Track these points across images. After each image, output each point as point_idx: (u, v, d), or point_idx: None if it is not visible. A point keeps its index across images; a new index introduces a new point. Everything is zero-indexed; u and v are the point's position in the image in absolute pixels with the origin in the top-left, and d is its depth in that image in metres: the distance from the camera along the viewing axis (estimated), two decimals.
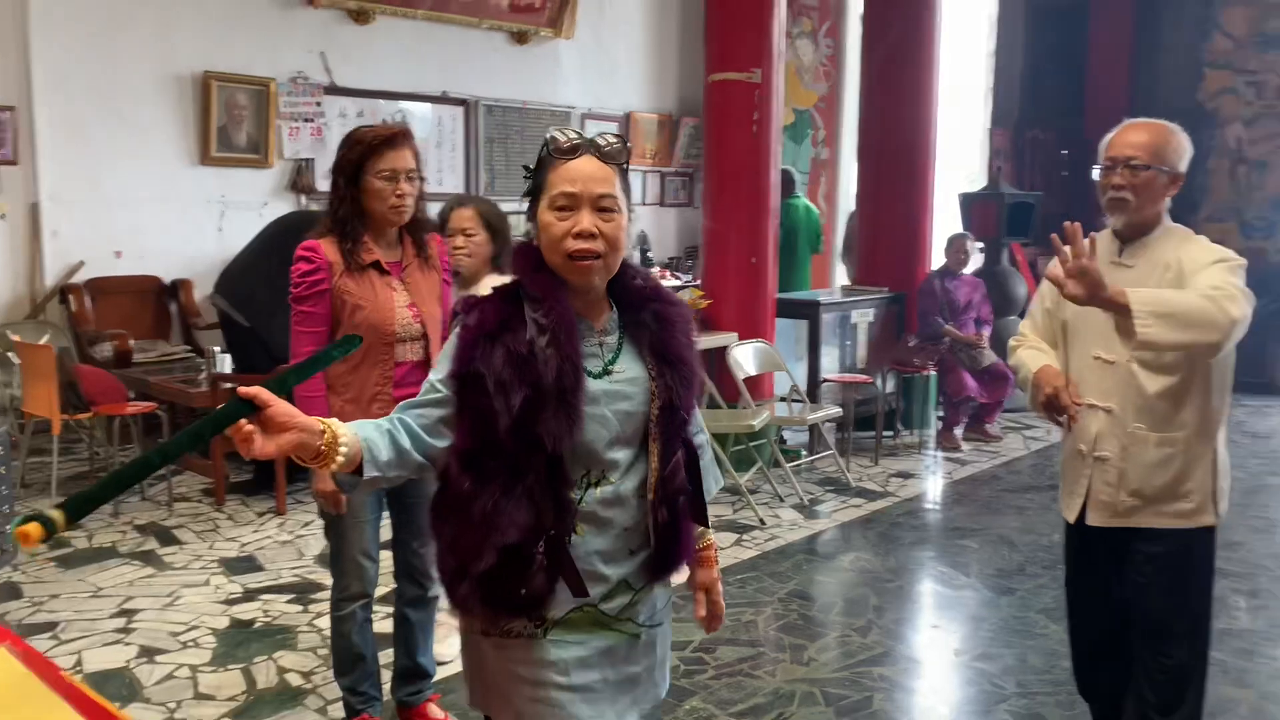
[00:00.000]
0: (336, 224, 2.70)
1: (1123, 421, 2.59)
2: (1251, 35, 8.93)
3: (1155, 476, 2.57)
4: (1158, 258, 2.55)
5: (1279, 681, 3.52)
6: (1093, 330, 2.60)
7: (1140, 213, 2.57)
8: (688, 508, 1.79)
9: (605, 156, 1.70)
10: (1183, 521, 2.59)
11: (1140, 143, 2.56)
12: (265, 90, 6.95)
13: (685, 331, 1.78)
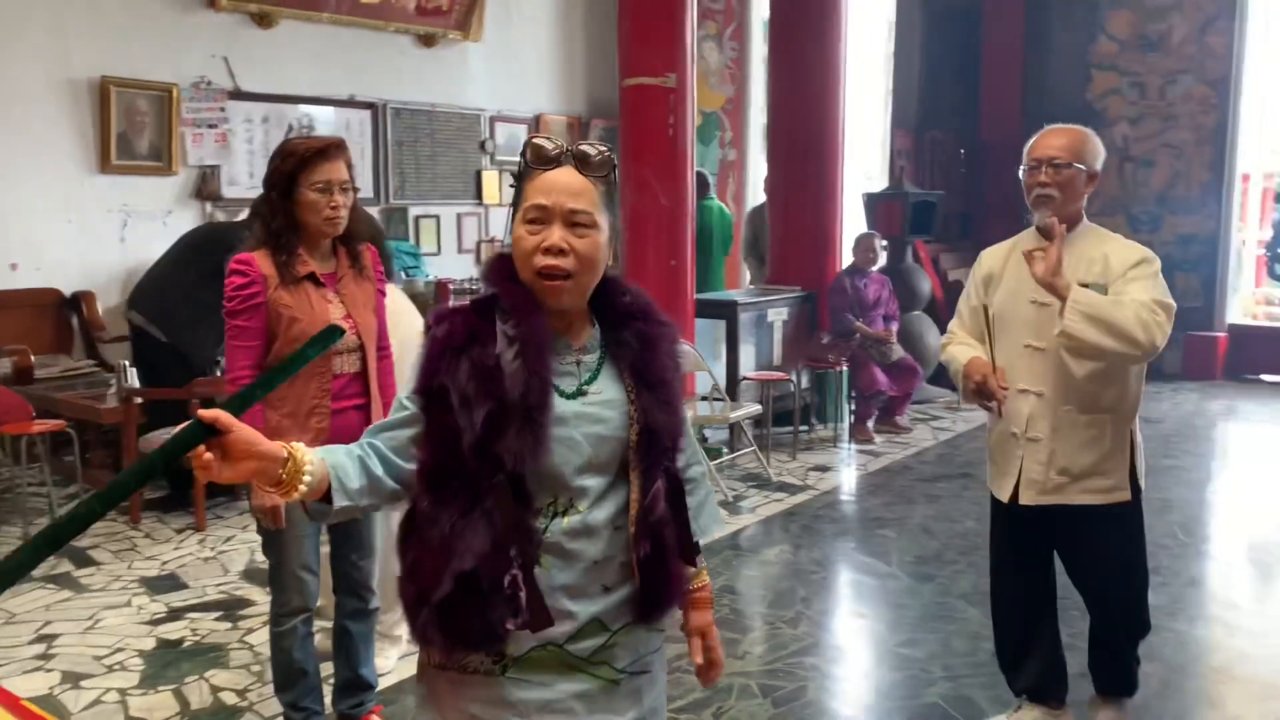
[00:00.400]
0: (270, 236, 2.67)
1: (1053, 404, 2.81)
2: (1134, 38, 9.36)
3: (1082, 455, 2.81)
4: (1082, 253, 2.79)
5: (1184, 653, 3.73)
6: (1021, 320, 2.84)
7: (1064, 208, 2.81)
8: (674, 543, 1.64)
9: (586, 168, 1.59)
10: (1105, 497, 2.84)
11: (1061, 144, 2.83)
12: (167, 96, 6.76)
13: (670, 353, 1.67)
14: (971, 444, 6.97)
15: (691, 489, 1.75)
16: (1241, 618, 4.05)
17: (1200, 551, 4.85)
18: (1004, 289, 2.95)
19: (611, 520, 1.61)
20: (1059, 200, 2.80)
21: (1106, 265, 2.76)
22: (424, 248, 8.42)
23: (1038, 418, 2.84)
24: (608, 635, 1.62)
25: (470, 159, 8.77)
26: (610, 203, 1.62)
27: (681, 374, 1.71)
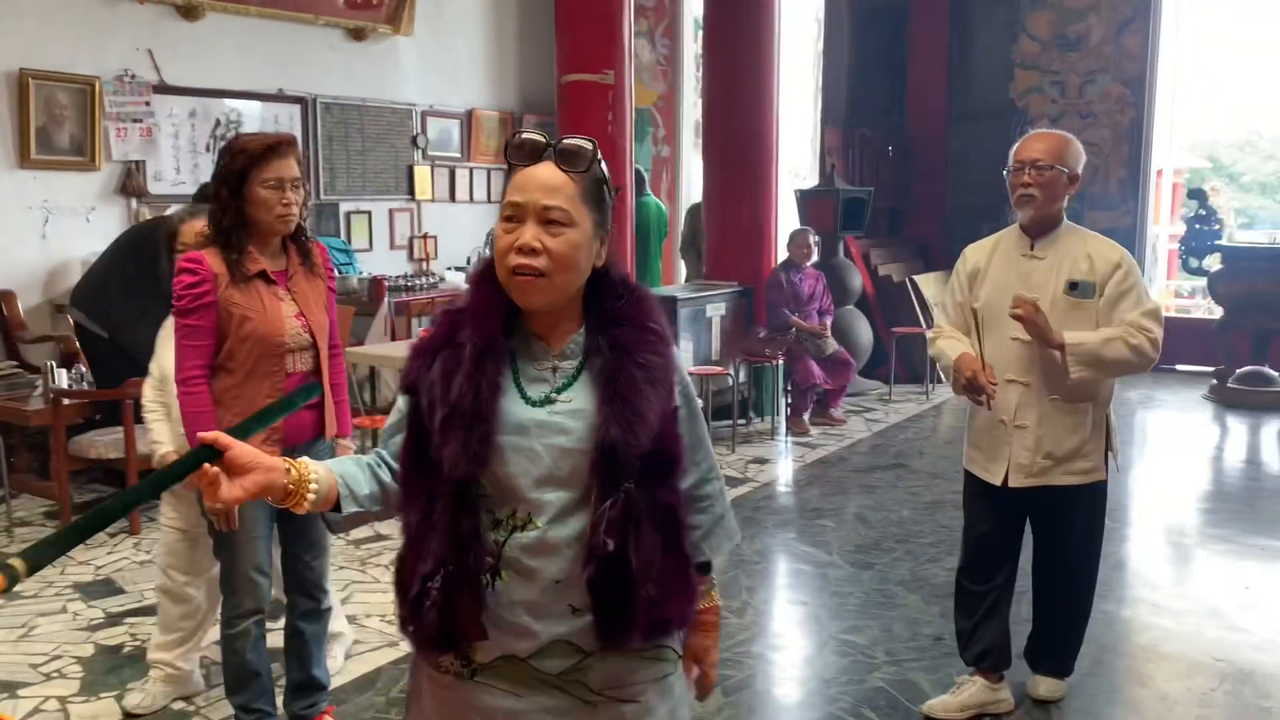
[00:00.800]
0: (221, 234, 2.64)
1: (1040, 394, 3.04)
2: (1054, 38, 9.63)
3: (1066, 440, 3.05)
4: (1066, 251, 3.04)
5: (1112, 633, 3.88)
6: (1008, 315, 3.00)
7: (1046, 208, 3.03)
8: (644, 567, 1.51)
9: (564, 162, 1.52)
10: (1085, 478, 3.09)
11: (1044, 147, 3.03)
12: (89, 89, 6.59)
13: (646, 363, 1.53)
14: (903, 435, 7.13)
15: (705, 507, 1.69)
16: (1164, 598, 4.23)
17: (1124, 535, 5.03)
18: (990, 284, 3.13)
19: (576, 538, 1.51)
20: (1040, 200, 3.01)
21: (1092, 263, 3.01)
22: (356, 244, 8.33)
23: (1025, 406, 3.06)
24: (580, 657, 1.55)
25: (402, 154, 8.69)
26: (595, 198, 1.55)
27: (666, 386, 1.56)
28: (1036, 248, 3.08)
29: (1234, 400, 8.02)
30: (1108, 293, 2.99)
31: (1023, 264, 3.08)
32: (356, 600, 4.16)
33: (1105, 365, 2.94)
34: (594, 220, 1.55)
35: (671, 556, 1.56)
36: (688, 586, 1.61)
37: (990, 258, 3.16)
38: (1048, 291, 3.02)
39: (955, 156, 10.08)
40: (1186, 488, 5.93)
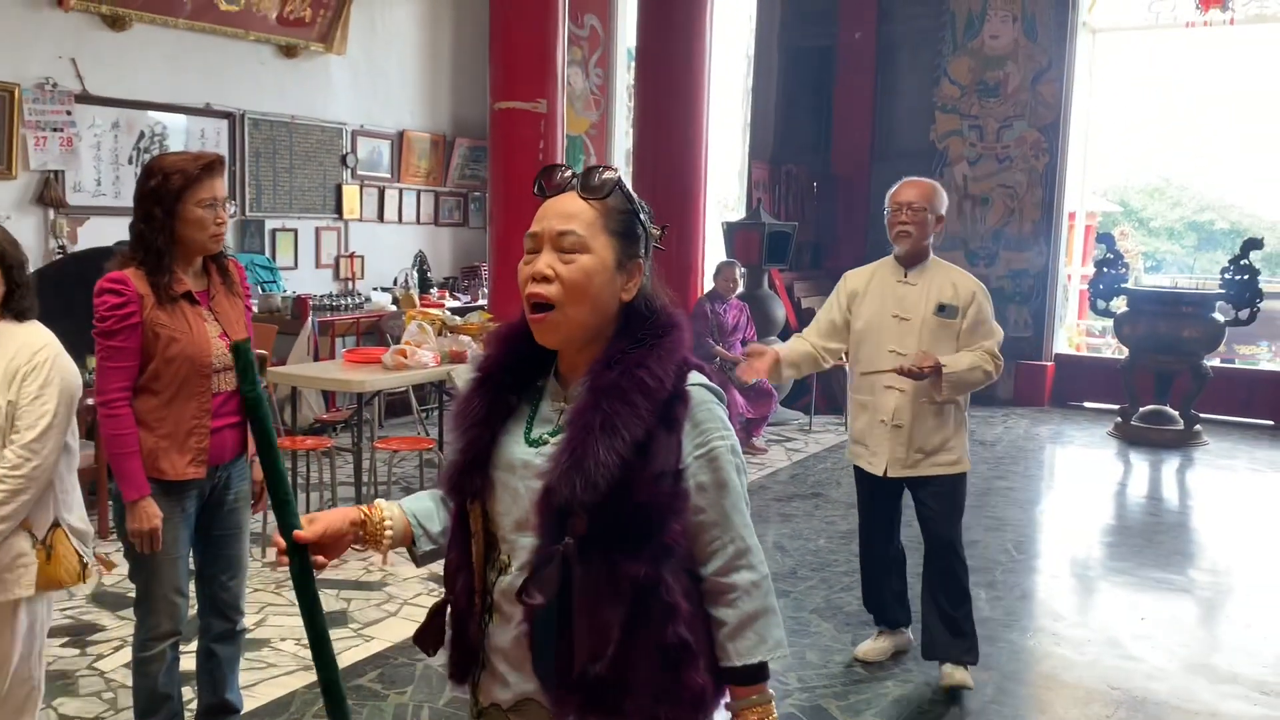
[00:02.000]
0: (151, 254, 2.62)
1: (913, 398, 3.61)
2: (973, 84, 9.97)
3: (933, 437, 3.64)
4: (934, 279, 3.65)
5: (1017, 662, 4.01)
6: (887, 332, 3.64)
7: (919, 243, 3.65)
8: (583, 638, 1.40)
9: (584, 190, 1.47)
10: (949, 469, 3.68)
11: (917, 193, 3.67)
12: (8, 96, 6.44)
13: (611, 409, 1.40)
14: (822, 465, 7.27)
15: (732, 600, 1.47)
16: (1066, 628, 4.38)
17: (1031, 567, 5.21)
18: (869, 306, 3.70)
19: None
20: (914, 236, 3.63)
21: (955, 290, 3.61)
22: (281, 262, 8.24)
23: (901, 409, 3.63)
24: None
25: (330, 173, 8.64)
26: (620, 228, 1.48)
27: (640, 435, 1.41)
28: (909, 275, 3.67)
29: (1136, 438, 8.34)
30: (969, 317, 3.58)
31: (898, 288, 3.66)
32: (271, 623, 4.11)
33: (966, 385, 3.58)
34: (617, 250, 1.48)
35: (647, 642, 1.41)
36: (677, 687, 1.43)
37: (868, 283, 3.74)
38: (919, 312, 3.61)
39: (877, 194, 10.20)
40: (1090, 521, 6.15)
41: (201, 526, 2.83)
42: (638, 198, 1.55)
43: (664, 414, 1.44)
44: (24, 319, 2.48)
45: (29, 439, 2.40)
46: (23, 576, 2.47)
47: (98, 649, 3.80)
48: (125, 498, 2.63)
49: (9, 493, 2.39)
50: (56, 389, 2.44)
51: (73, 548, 2.56)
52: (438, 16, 9.52)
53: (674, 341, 1.49)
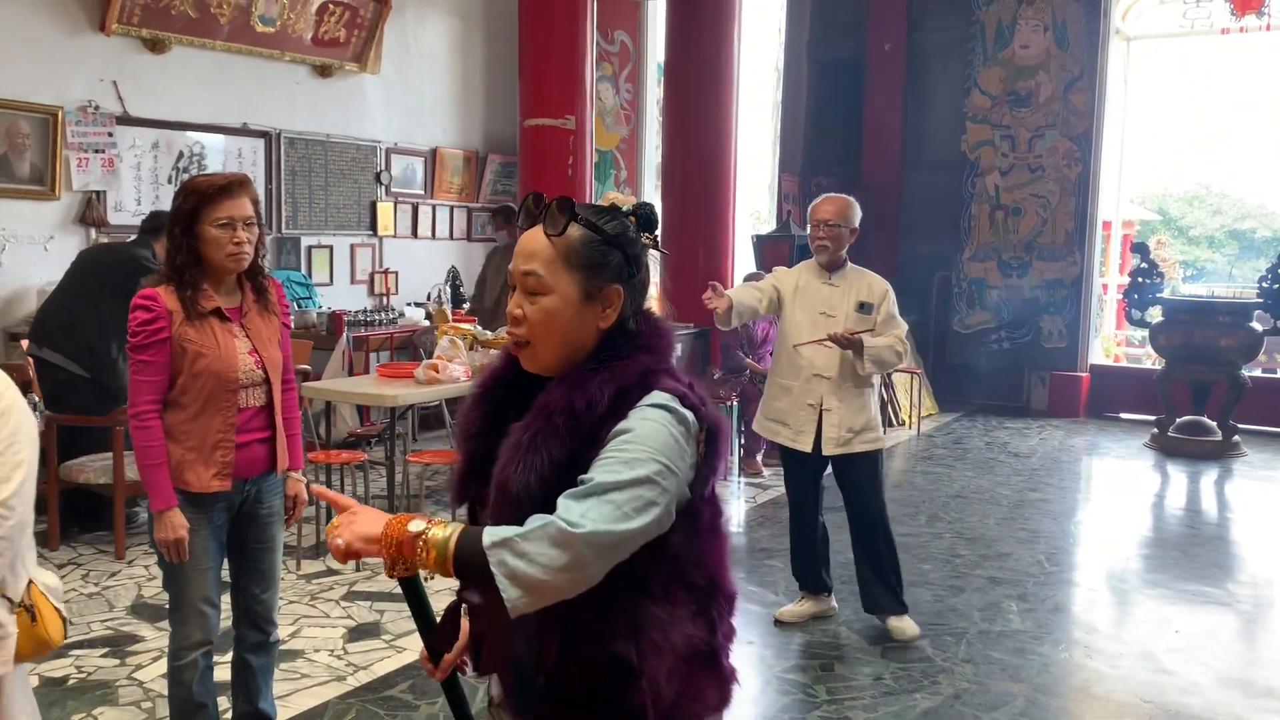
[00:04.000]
0: (175, 272, 2.70)
1: (839, 383, 4.18)
2: (1004, 93, 9.93)
3: (859, 417, 4.20)
4: (852, 282, 4.26)
5: (1048, 675, 3.98)
6: (815, 326, 4.15)
7: (836, 254, 4.23)
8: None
9: (547, 227, 1.49)
10: (873, 445, 4.24)
11: (832, 210, 4.22)
12: (52, 119, 6.61)
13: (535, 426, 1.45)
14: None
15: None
16: (1100, 641, 4.34)
17: (1064, 579, 5.16)
18: (799, 303, 4.23)
19: None
20: (831, 248, 4.20)
21: (871, 289, 4.24)
22: (316, 278, 8.37)
23: (829, 394, 4.17)
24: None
25: (365, 190, 8.76)
26: (581, 260, 1.49)
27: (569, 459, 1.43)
28: (832, 279, 4.25)
29: (1174, 449, 8.24)
30: (882, 312, 4.20)
31: (823, 289, 4.23)
32: (305, 635, 4.17)
33: (883, 363, 4.15)
34: (582, 283, 1.49)
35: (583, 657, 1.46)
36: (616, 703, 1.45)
37: (796, 283, 4.27)
38: (844, 309, 4.18)
39: (908, 205, 10.32)
40: (1125, 534, 6.09)
41: (235, 539, 2.89)
42: (622, 215, 1.53)
43: (590, 434, 1.43)
44: None
45: (4, 495, 2.05)
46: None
47: (136, 659, 3.88)
48: (152, 508, 2.69)
49: None
50: (26, 437, 2.11)
51: (52, 604, 2.24)
52: (469, 35, 9.63)
53: (629, 364, 1.48)
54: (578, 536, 1.31)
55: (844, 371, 4.15)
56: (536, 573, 1.30)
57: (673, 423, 1.43)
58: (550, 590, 1.32)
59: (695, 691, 1.49)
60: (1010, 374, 9.99)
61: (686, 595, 1.50)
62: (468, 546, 1.32)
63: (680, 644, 1.47)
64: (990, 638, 4.31)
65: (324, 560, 5.12)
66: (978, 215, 10.04)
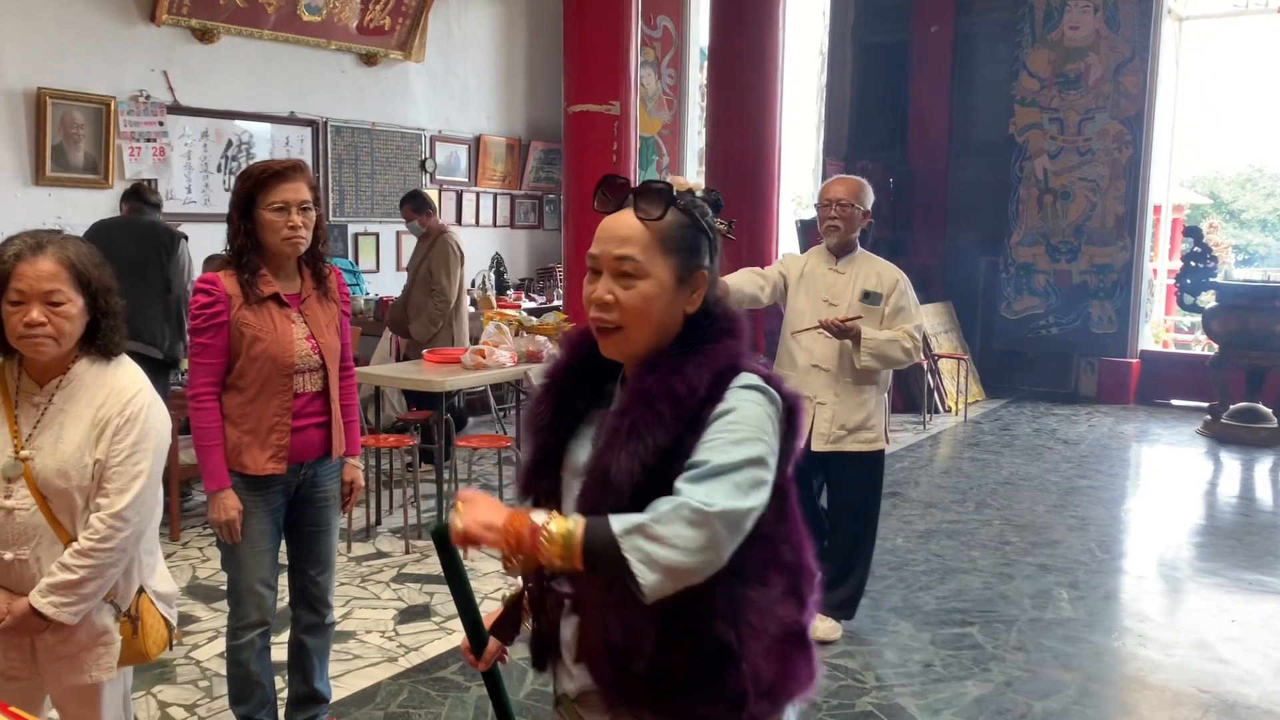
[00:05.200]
0: (233, 257, 2.74)
1: (837, 377, 3.87)
2: (1053, 76, 9.77)
3: (856, 415, 3.88)
4: (860, 269, 3.93)
5: (1100, 663, 3.94)
6: (821, 313, 3.83)
7: (847, 236, 3.93)
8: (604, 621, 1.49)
9: (639, 208, 1.46)
10: (869, 446, 3.92)
11: (845, 189, 3.93)
12: (105, 109, 6.72)
13: (636, 413, 1.43)
14: (899, 464, 7.20)
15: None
16: (1152, 629, 4.29)
17: (1115, 567, 5.10)
18: (804, 290, 3.95)
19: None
20: (843, 230, 3.90)
21: (880, 279, 3.90)
22: (363, 265, 8.44)
23: (825, 387, 3.87)
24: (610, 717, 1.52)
25: (410, 177, 8.82)
26: (678, 245, 1.49)
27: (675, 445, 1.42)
28: (839, 264, 3.95)
29: (1227, 436, 8.10)
30: (891, 303, 3.86)
31: (829, 276, 3.93)
32: (356, 616, 4.23)
33: (885, 358, 3.80)
34: (677, 268, 1.49)
35: (684, 642, 1.45)
36: (717, 687, 1.45)
37: (803, 269, 3.99)
38: (847, 298, 3.87)
39: (955, 189, 10.20)
40: (1178, 521, 6.00)
41: (292, 522, 2.92)
42: (698, 200, 1.53)
43: (693, 419, 1.42)
44: (111, 355, 2.16)
45: (120, 507, 2.06)
46: (102, 657, 2.16)
47: (193, 639, 3.95)
48: (205, 488, 2.74)
49: (94, 568, 2.05)
50: (151, 445, 2.12)
51: (159, 615, 2.26)
52: (512, 22, 9.65)
53: (719, 348, 1.48)
54: (713, 515, 1.31)
55: (844, 365, 3.84)
56: (675, 555, 1.30)
57: (765, 402, 1.45)
58: (687, 573, 1.32)
59: (790, 670, 1.49)
60: (1058, 360, 9.87)
61: (778, 575, 1.50)
62: (597, 535, 1.32)
63: (774, 624, 1.47)
64: (1041, 625, 4.27)
65: (374, 543, 5.18)
66: (1026, 199, 9.90)
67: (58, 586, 2.04)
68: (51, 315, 2.03)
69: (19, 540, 2.07)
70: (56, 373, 2.11)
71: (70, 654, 2.14)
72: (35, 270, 2.02)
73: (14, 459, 2.07)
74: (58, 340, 2.06)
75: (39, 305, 2.02)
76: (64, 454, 2.06)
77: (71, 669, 2.15)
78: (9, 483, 2.06)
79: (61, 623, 2.05)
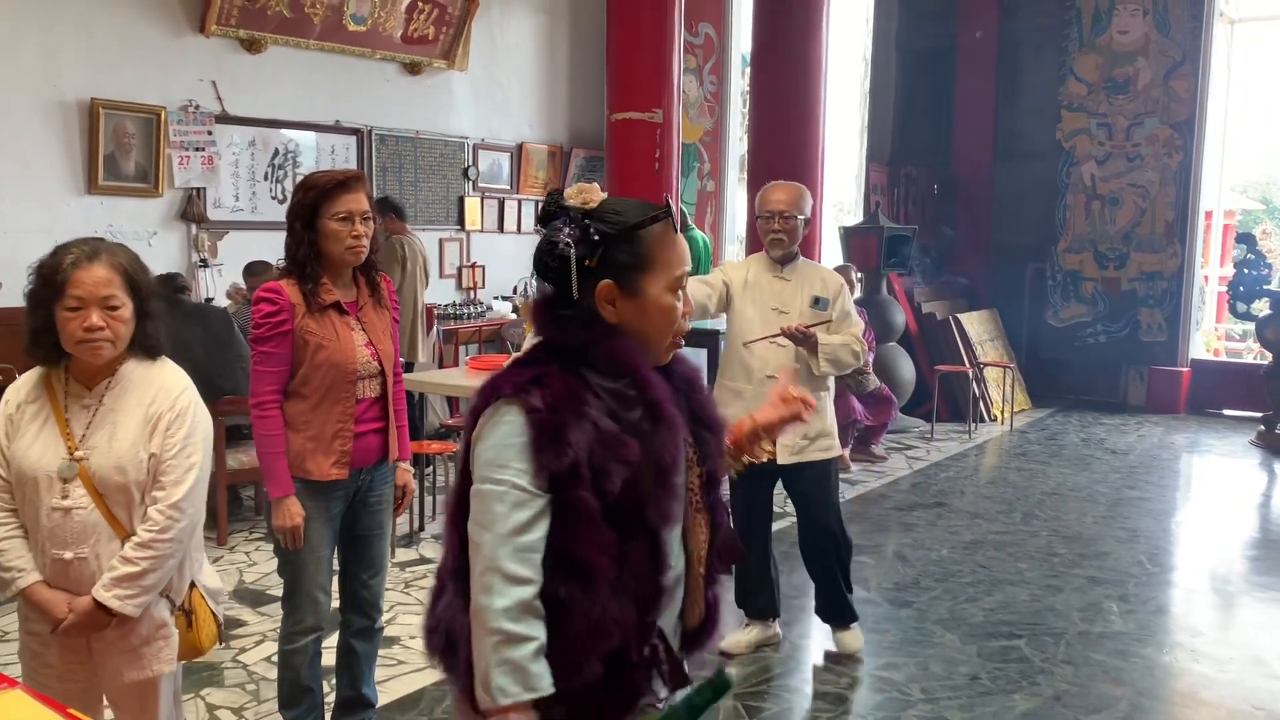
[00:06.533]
0: (296, 266, 2.77)
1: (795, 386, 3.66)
2: (1101, 80, 9.64)
3: (815, 423, 3.81)
4: (805, 275, 3.91)
5: (1151, 678, 3.86)
6: (767, 323, 3.79)
7: (790, 247, 3.87)
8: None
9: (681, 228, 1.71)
10: (828, 454, 3.92)
11: (785, 199, 3.85)
12: (155, 118, 6.82)
13: (707, 391, 1.71)
14: (944, 473, 7.13)
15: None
16: (1206, 644, 4.20)
17: (1166, 580, 5.01)
18: (750, 299, 3.87)
19: (684, 565, 1.63)
20: (785, 242, 3.85)
21: (825, 284, 3.90)
22: None
23: None
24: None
25: (453, 186, 8.88)
26: None
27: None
28: (784, 272, 3.89)
29: None
30: (838, 307, 3.86)
31: (776, 284, 3.87)
32: (401, 621, 4.25)
33: (839, 363, 3.82)
34: None
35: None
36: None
37: (746, 276, 3.92)
38: (796, 305, 3.83)
39: (1001, 196, 10.10)
40: (1231, 534, 5.88)
41: (346, 526, 2.95)
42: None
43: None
44: (156, 355, 2.24)
45: (177, 497, 2.14)
46: (163, 650, 2.23)
47: (240, 643, 3.99)
48: (270, 495, 2.76)
49: (156, 559, 2.12)
50: (201, 437, 2.22)
51: (209, 610, 2.35)
52: (555, 31, 9.69)
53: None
54: None
55: (799, 373, 3.75)
56: None
57: None
58: None
59: None
60: (1107, 369, 9.72)
61: None
62: None
63: None
64: (1090, 639, 4.20)
65: (418, 549, 5.21)
66: (1073, 206, 9.77)
67: (121, 579, 2.10)
68: (109, 319, 2.11)
69: (78, 539, 2.12)
70: (105, 374, 2.18)
71: (131, 648, 2.19)
72: (92, 277, 2.09)
73: (69, 460, 2.12)
74: (114, 343, 2.13)
75: (98, 310, 2.09)
76: (120, 450, 2.13)
77: (131, 663, 2.20)
78: (65, 484, 2.12)
79: (125, 616, 2.12)
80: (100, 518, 2.13)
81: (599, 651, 1.45)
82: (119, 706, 2.28)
